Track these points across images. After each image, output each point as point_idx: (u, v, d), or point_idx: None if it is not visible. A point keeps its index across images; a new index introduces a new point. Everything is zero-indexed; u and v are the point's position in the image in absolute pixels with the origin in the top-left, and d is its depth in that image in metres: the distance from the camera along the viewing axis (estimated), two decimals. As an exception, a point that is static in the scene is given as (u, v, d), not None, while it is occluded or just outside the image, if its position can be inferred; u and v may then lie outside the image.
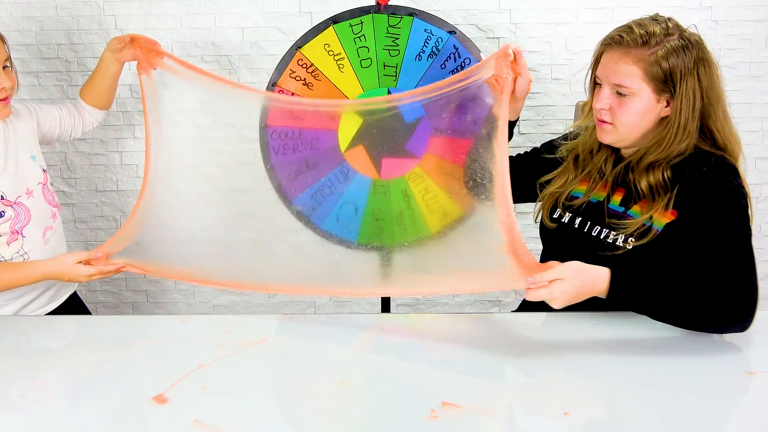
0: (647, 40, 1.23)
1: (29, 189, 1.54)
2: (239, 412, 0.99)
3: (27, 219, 1.52)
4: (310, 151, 1.99)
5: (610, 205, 1.34)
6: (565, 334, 1.25)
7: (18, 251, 1.51)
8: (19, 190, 1.52)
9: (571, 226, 1.38)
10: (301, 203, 1.95)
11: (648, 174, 1.28)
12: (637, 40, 1.23)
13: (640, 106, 1.26)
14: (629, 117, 1.27)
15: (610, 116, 1.28)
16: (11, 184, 1.50)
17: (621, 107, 1.26)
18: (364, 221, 2.02)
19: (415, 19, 1.93)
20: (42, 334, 1.31)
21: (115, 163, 2.42)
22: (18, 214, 1.50)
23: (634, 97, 1.25)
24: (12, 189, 1.50)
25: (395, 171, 2.00)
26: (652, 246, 1.26)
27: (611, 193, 1.35)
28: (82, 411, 1.00)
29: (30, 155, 1.58)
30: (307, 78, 1.95)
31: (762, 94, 2.30)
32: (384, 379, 1.09)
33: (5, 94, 1.50)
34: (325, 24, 1.95)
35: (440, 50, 1.93)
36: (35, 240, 1.54)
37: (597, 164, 1.38)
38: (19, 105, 1.63)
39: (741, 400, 0.99)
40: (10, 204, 1.49)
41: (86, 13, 2.30)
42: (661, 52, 1.23)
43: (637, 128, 1.28)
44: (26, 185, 1.54)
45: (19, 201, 1.51)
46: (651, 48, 1.23)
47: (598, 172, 1.38)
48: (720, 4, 2.22)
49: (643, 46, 1.23)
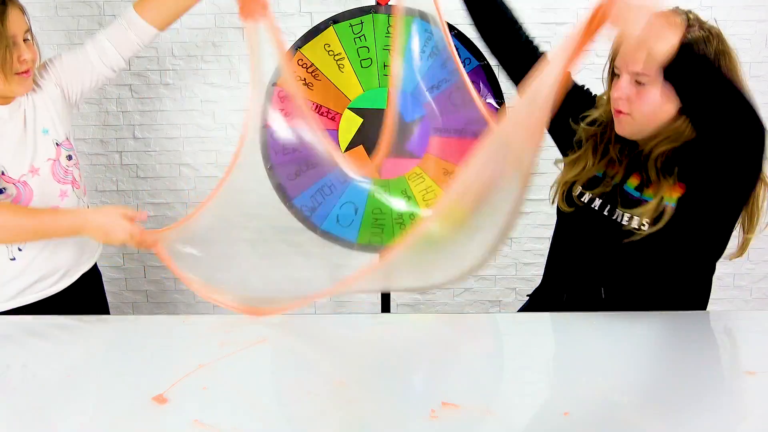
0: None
1: (35, 167, 1.44)
2: (239, 412, 0.99)
3: (28, 199, 1.43)
4: (310, 151, 1.99)
5: (626, 188, 1.31)
6: (564, 334, 1.25)
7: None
8: (23, 168, 1.42)
9: (591, 208, 1.35)
10: (301, 203, 1.95)
11: (657, 161, 1.26)
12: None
13: (658, 95, 1.22)
14: (647, 107, 1.23)
15: (628, 106, 1.25)
16: (16, 161, 1.41)
17: (639, 97, 1.23)
18: (364, 221, 2.02)
19: (415, 19, 1.93)
20: (42, 333, 1.31)
21: (115, 163, 2.41)
22: (20, 192, 1.41)
23: (652, 87, 1.21)
24: (16, 167, 1.41)
25: (395, 171, 2.00)
26: (669, 225, 1.23)
27: (627, 176, 1.33)
28: (82, 411, 1.00)
29: (42, 129, 1.47)
30: (307, 78, 1.95)
31: (762, 94, 2.30)
32: (384, 379, 1.08)
33: (26, 66, 1.39)
34: (325, 24, 1.95)
35: (440, 50, 1.93)
36: None
37: (614, 153, 1.35)
38: (42, 71, 1.51)
39: (741, 400, 0.99)
40: (13, 182, 1.41)
41: (86, 13, 2.30)
42: (684, 41, 1.16)
43: (654, 119, 1.24)
44: (32, 162, 1.44)
45: (23, 179, 1.42)
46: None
47: (617, 159, 1.34)
48: (720, 4, 2.22)
49: None
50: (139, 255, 2.47)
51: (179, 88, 2.35)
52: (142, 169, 2.42)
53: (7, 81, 1.37)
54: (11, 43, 1.35)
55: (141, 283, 2.52)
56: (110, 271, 2.48)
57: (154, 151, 2.40)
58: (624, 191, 1.31)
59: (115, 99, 2.36)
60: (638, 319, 1.24)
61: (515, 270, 2.48)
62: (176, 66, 2.33)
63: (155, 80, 2.35)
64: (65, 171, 1.49)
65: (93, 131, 2.39)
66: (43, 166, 1.45)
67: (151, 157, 2.41)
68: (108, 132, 2.39)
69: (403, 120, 1.97)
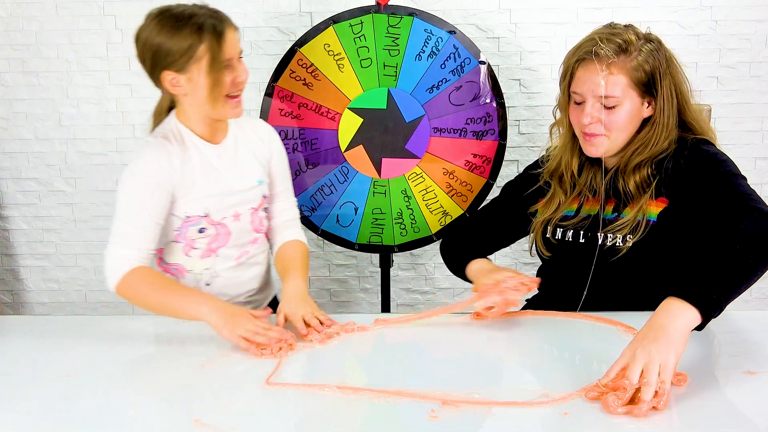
0: (626, 47, 1.25)
1: (238, 212, 1.41)
2: (239, 412, 0.99)
3: (225, 241, 1.41)
4: (310, 151, 1.99)
5: (605, 216, 1.34)
6: (565, 334, 1.25)
7: (208, 268, 1.42)
8: (227, 211, 1.39)
9: (569, 242, 1.37)
10: (301, 203, 1.95)
11: (635, 174, 1.30)
12: (616, 50, 1.25)
13: (629, 112, 1.28)
14: (619, 125, 1.28)
15: (600, 127, 1.28)
16: (221, 205, 1.38)
17: (610, 117, 1.27)
18: (364, 221, 2.02)
19: (415, 19, 1.93)
20: (42, 334, 1.31)
21: (115, 163, 2.41)
22: (218, 234, 1.39)
23: (621, 106, 1.26)
24: (219, 211, 1.38)
25: (395, 171, 2.00)
26: (651, 237, 1.27)
27: (604, 204, 1.35)
28: (82, 411, 1.00)
29: (258, 178, 1.44)
30: (307, 78, 1.95)
31: (762, 94, 2.30)
32: (384, 379, 1.08)
33: (240, 88, 1.34)
34: (325, 24, 1.95)
35: (440, 50, 1.93)
36: (228, 262, 1.43)
37: (586, 181, 1.38)
38: (269, 128, 1.50)
39: (741, 400, 0.99)
40: (214, 223, 1.39)
41: (86, 13, 2.30)
42: (641, 57, 1.26)
43: (626, 134, 1.30)
44: (236, 208, 1.40)
45: (224, 222, 1.39)
46: (631, 55, 1.25)
47: (588, 189, 1.37)
48: (720, 4, 2.22)
49: (623, 54, 1.25)
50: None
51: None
52: (142, 169, 2.42)
53: (222, 105, 1.32)
54: (227, 66, 1.29)
55: (141, 283, 2.51)
56: (110, 271, 2.48)
57: (154, 151, 2.40)
58: (602, 218, 1.34)
59: (115, 99, 2.36)
60: (638, 319, 1.24)
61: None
62: (176, 66, 2.33)
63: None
64: (260, 220, 1.47)
65: (93, 131, 2.39)
66: (244, 213, 1.42)
67: (151, 157, 2.41)
68: (108, 132, 2.39)
69: (403, 120, 1.98)
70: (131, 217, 1.32)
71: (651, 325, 0.99)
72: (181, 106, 1.37)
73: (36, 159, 2.42)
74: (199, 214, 1.37)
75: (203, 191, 1.37)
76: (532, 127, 2.33)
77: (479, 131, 1.97)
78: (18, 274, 2.53)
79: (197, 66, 1.28)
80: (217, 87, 1.29)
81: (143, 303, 1.32)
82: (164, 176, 1.32)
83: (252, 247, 1.47)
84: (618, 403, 0.92)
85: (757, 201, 1.16)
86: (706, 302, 0.99)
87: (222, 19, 1.30)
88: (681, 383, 1.00)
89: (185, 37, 1.26)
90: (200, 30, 1.26)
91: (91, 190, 2.43)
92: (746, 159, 2.29)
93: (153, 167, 1.32)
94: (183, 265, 1.42)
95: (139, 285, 1.30)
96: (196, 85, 1.30)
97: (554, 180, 1.40)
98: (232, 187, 1.40)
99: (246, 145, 1.44)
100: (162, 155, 1.33)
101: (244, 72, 1.33)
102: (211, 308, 1.23)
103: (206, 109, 1.33)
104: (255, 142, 1.46)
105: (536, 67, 2.29)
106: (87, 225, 2.46)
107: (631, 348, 0.97)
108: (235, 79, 1.32)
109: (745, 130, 2.33)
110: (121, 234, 1.31)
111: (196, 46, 1.27)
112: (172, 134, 1.36)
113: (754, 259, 1.05)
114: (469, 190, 2.00)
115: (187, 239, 1.39)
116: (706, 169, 1.25)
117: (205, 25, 1.27)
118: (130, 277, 1.29)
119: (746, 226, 1.09)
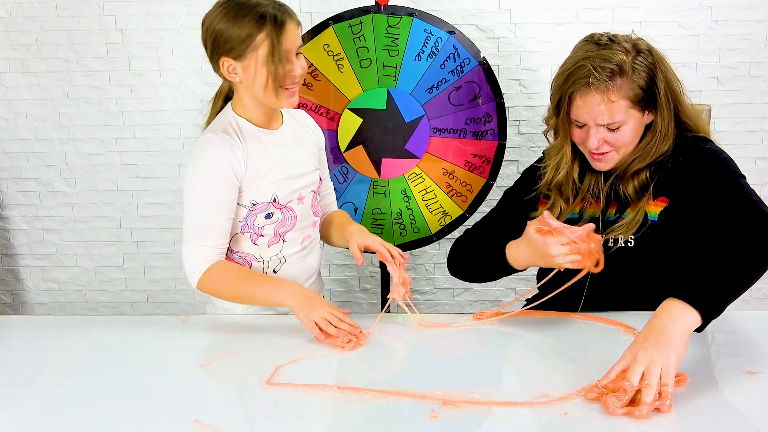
0: (621, 70, 1.23)
1: (302, 195, 1.43)
2: (239, 412, 0.99)
3: (292, 224, 1.43)
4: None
5: (607, 218, 1.34)
6: (565, 334, 1.25)
7: (277, 254, 1.43)
8: (293, 195, 1.41)
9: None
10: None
11: (633, 179, 1.31)
12: (610, 75, 1.23)
13: (633, 129, 1.28)
14: (626, 141, 1.28)
15: (608, 146, 1.29)
16: (288, 189, 1.40)
17: (616, 136, 1.27)
18: (364, 221, 2.02)
19: (414, 19, 1.93)
20: (42, 334, 1.31)
21: (115, 163, 2.42)
22: (285, 218, 1.41)
23: (626, 125, 1.27)
24: (285, 194, 1.40)
25: (395, 171, 2.00)
26: (651, 237, 1.27)
27: (606, 208, 1.35)
28: (82, 411, 1.00)
29: (314, 165, 1.48)
30: (306, 78, 1.95)
31: (762, 94, 2.30)
32: (384, 379, 1.08)
33: (295, 81, 1.35)
34: (324, 24, 1.95)
35: (440, 50, 1.93)
36: (294, 246, 1.44)
37: (589, 187, 1.37)
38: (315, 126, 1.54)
39: (741, 401, 0.99)
40: (280, 207, 1.40)
41: (86, 13, 2.30)
42: (636, 75, 1.24)
43: (633, 145, 1.31)
44: (300, 191, 1.43)
45: (289, 205, 1.42)
46: (627, 75, 1.24)
47: (591, 194, 1.37)
48: (720, 4, 2.22)
49: (619, 77, 1.23)
50: (139, 255, 2.47)
51: (179, 88, 2.35)
52: (142, 169, 2.42)
53: (276, 95, 1.33)
54: (284, 58, 1.30)
55: (141, 283, 2.52)
56: (110, 271, 2.48)
57: (154, 151, 2.40)
58: (604, 220, 1.34)
59: (115, 99, 2.37)
60: (638, 319, 1.24)
61: (515, 270, 2.47)
62: (176, 66, 2.33)
63: (155, 80, 2.35)
64: (317, 203, 1.50)
65: (93, 131, 2.39)
66: (307, 196, 1.45)
67: (151, 157, 2.41)
68: (108, 132, 2.39)
69: (402, 120, 1.98)
70: (203, 215, 1.33)
71: (652, 327, 0.99)
72: (237, 93, 1.38)
73: (36, 159, 2.42)
74: (267, 200, 1.39)
75: (271, 177, 1.38)
76: (533, 127, 2.33)
77: (479, 131, 1.97)
78: (18, 274, 2.53)
79: (254, 55, 1.29)
80: (272, 78, 1.30)
81: (226, 296, 1.37)
82: (231, 170, 1.33)
83: (313, 230, 1.50)
84: (618, 405, 0.93)
85: (758, 202, 1.18)
86: (707, 304, 1.00)
87: (285, 11, 1.31)
88: (681, 384, 1.00)
89: (245, 25, 1.28)
90: (261, 19, 1.27)
91: (91, 190, 2.43)
92: (746, 159, 2.29)
93: (219, 163, 1.33)
94: (252, 253, 1.42)
95: (221, 279, 1.33)
96: (251, 73, 1.31)
97: (553, 191, 1.39)
98: (297, 170, 1.42)
99: (300, 130, 1.48)
100: (226, 149, 1.33)
101: (300, 66, 1.34)
102: (291, 292, 1.28)
103: (260, 97, 1.34)
104: (306, 129, 1.51)
105: (536, 67, 2.29)
106: (87, 225, 2.46)
107: (632, 350, 0.97)
108: (291, 72, 1.32)
109: (745, 130, 2.33)
110: (196, 233, 1.34)
111: (254, 35, 1.28)
112: (231, 127, 1.37)
113: (755, 262, 1.07)
114: (468, 191, 2.00)
115: (254, 227, 1.40)
116: (708, 168, 1.26)
117: (266, 14, 1.27)
118: (210, 273, 1.33)
119: (747, 229, 1.12)
